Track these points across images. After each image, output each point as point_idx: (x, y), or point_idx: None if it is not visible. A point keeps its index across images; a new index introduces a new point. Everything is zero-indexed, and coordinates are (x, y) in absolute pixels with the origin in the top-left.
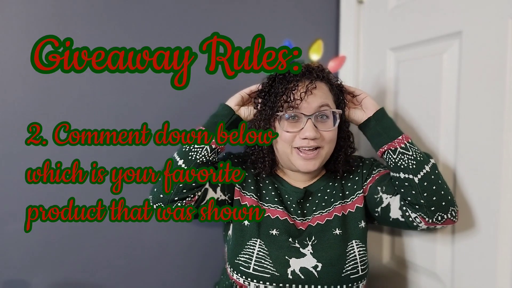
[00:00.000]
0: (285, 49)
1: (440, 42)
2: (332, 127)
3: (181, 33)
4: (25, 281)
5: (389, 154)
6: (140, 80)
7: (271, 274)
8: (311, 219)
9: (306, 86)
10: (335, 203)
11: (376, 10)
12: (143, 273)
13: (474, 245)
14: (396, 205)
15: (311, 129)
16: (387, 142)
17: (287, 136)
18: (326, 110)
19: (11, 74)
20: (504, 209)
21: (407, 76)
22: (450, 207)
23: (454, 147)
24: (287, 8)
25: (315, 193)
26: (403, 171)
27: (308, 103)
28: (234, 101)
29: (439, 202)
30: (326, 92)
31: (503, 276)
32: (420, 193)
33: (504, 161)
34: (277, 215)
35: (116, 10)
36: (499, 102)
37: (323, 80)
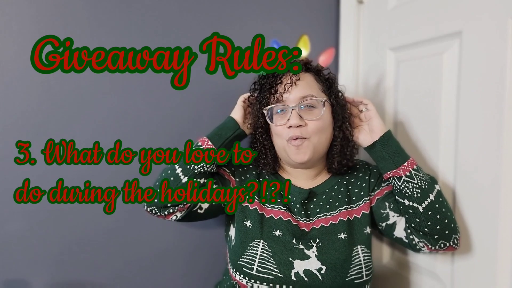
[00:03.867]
0: (285, 49)
1: (440, 42)
2: (319, 115)
3: (181, 33)
4: (25, 281)
5: (394, 181)
6: (140, 80)
7: (275, 275)
8: (315, 221)
9: (289, 78)
10: (340, 207)
11: (376, 10)
12: (143, 273)
13: (474, 245)
14: (402, 225)
15: (295, 117)
16: (392, 168)
17: (279, 129)
18: (310, 99)
19: (11, 74)
20: (505, 207)
21: (407, 76)
22: (452, 235)
23: (454, 147)
24: (287, 8)
25: (319, 195)
26: (407, 199)
27: (292, 94)
28: (239, 114)
29: (442, 231)
30: (311, 82)
31: (503, 276)
32: (424, 221)
33: (504, 161)
34: (280, 216)
35: (116, 10)
36: (499, 102)
37: (308, 71)
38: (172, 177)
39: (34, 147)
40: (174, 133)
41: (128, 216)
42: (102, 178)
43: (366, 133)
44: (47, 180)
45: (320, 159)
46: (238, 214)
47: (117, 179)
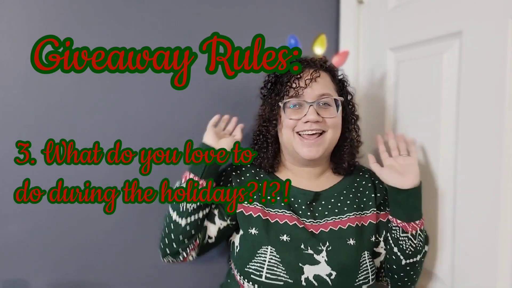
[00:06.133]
0: (285, 49)
1: (440, 42)
2: (335, 114)
3: (181, 33)
4: (25, 281)
5: (397, 229)
6: (140, 80)
7: (284, 281)
8: (323, 224)
9: (310, 74)
10: (349, 213)
11: (376, 10)
12: (143, 273)
13: (474, 245)
14: (382, 257)
15: (313, 113)
16: (403, 220)
17: (291, 122)
18: (328, 98)
19: (11, 74)
20: (505, 207)
21: (407, 76)
22: (412, 286)
23: (454, 147)
24: (287, 8)
25: (328, 198)
26: (398, 249)
27: (312, 89)
28: (210, 137)
29: (407, 283)
30: (329, 82)
31: (503, 276)
32: (398, 271)
33: (504, 160)
34: (285, 220)
35: (116, 10)
36: (499, 102)
37: (326, 71)
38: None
39: (34, 147)
40: (174, 133)
41: (129, 216)
42: (102, 178)
43: (396, 173)
44: (47, 180)
45: (325, 158)
46: (242, 223)
47: (117, 179)
